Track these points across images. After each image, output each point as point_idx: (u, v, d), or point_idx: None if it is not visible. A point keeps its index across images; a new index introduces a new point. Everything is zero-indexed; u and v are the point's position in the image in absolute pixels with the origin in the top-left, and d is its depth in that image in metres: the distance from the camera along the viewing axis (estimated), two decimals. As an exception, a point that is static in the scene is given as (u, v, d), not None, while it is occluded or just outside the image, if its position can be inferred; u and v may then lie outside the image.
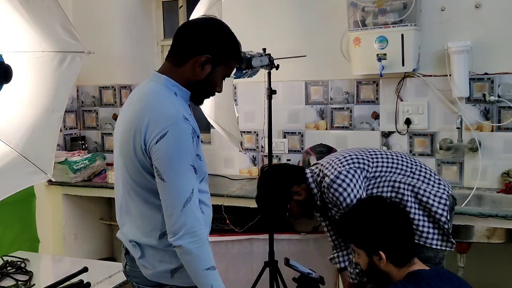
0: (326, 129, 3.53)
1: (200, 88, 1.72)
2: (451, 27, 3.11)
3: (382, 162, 2.25)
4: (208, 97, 1.80)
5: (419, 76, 3.22)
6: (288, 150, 3.63)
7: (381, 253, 1.74)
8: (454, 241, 2.20)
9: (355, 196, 2.12)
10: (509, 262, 3.09)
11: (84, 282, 2.01)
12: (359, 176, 2.15)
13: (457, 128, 3.03)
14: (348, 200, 2.11)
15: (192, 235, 1.56)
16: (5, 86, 1.79)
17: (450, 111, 3.16)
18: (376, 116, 3.38)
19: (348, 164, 2.19)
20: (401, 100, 3.29)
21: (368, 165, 2.22)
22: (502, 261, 3.11)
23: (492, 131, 3.07)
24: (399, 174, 2.23)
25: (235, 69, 2.61)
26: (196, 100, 1.77)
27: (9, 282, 2.09)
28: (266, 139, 2.91)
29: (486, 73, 3.05)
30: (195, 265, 1.59)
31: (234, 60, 1.77)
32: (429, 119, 3.22)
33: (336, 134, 3.49)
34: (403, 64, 3.07)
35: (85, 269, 2.09)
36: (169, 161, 1.55)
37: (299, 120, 3.60)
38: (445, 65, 3.07)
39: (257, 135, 3.73)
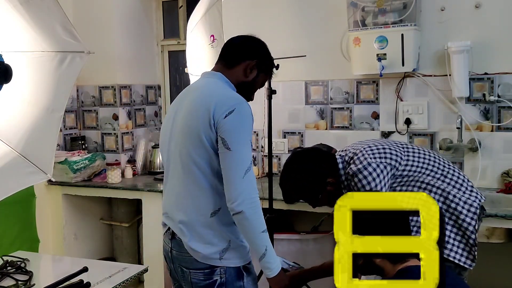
0: (326, 129, 3.53)
1: (245, 89, 1.97)
2: (451, 27, 3.11)
3: (413, 159, 2.10)
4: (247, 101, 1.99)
5: (419, 76, 3.22)
6: (288, 150, 3.63)
7: None
8: (475, 257, 2.06)
9: (377, 191, 1.99)
10: (509, 261, 3.09)
11: (84, 282, 2.00)
12: (387, 173, 2.03)
13: (457, 128, 3.03)
14: None
15: (250, 201, 1.74)
16: (5, 86, 1.79)
17: (450, 111, 3.16)
18: (376, 116, 3.38)
19: (380, 157, 2.06)
20: (401, 100, 3.29)
21: (399, 162, 2.07)
22: (501, 260, 3.11)
23: (492, 131, 3.07)
24: (428, 175, 2.09)
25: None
26: (245, 97, 1.94)
27: (9, 282, 2.08)
28: (266, 139, 2.91)
29: (486, 73, 3.06)
30: (253, 229, 1.77)
31: (270, 72, 2.09)
32: (429, 119, 3.23)
33: (336, 134, 3.49)
34: (403, 64, 3.07)
35: (85, 269, 2.09)
36: (235, 133, 1.77)
37: (299, 120, 3.60)
38: (445, 65, 3.07)
39: (257, 135, 3.73)
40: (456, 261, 2.06)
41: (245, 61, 1.96)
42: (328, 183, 2.11)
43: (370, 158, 2.04)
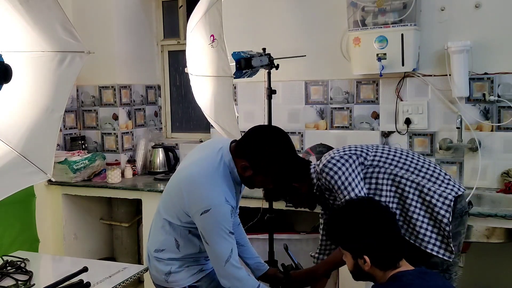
0: (326, 129, 3.53)
1: (246, 182, 2.00)
2: (451, 27, 3.11)
3: (382, 153, 2.19)
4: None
5: (419, 76, 3.22)
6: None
7: (366, 257, 1.74)
8: (453, 249, 2.09)
9: (346, 179, 2.08)
10: (509, 261, 3.09)
11: (84, 282, 2.00)
12: (353, 161, 2.12)
13: (457, 128, 3.03)
14: (339, 183, 2.08)
15: (234, 279, 1.93)
16: (4, 86, 1.79)
17: (450, 111, 3.16)
18: (376, 116, 3.38)
19: (344, 151, 2.17)
20: (401, 100, 3.29)
21: (367, 153, 2.17)
22: (501, 260, 3.11)
23: (492, 131, 3.07)
24: (401, 168, 2.15)
25: (235, 70, 2.64)
26: (247, 186, 2.05)
27: (9, 282, 2.09)
28: (266, 139, 2.90)
29: (486, 73, 3.06)
30: None
31: (275, 177, 1.98)
32: (429, 119, 3.22)
33: (336, 134, 3.49)
34: (403, 64, 3.07)
35: (85, 269, 2.09)
36: (211, 232, 1.89)
37: (299, 120, 3.60)
38: (445, 65, 3.07)
39: (257, 135, 3.72)
40: (435, 253, 2.09)
41: (241, 159, 1.93)
42: (294, 188, 2.24)
43: (334, 153, 2.18)
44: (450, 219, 2.09)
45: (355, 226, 1.78)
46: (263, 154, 1.92)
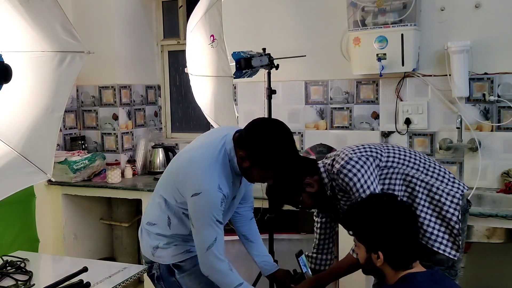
0: (326, 129, 3.53)
1: (243, 173, 1.99)
2: (451, 27, 3.11)
3: (394, 153, 2.18)
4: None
5: (419, 76, 3.22)
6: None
7: (380, 253, 1.73)
8: (460, 246, 2.08)
9: (365, 181, 2.05)
10: (509, 262, 3.09)
11: (84, 282, 2.00)
12: (371, 163, 2.10)
13: (457, 128, 3.03)
14: (358, 185, 2.05)
15: (213, 270, 1.96)
16: (4, 86, 1.79)
17: (450, 111, 3.16)
18: (376, 116, 3.38)
19: (360, 152, 2.14)
20: (401, 100, 3.29)
21: (381, 155, 2.16)
22: (502, 261, 3.11)
23: (492, 131, 3.07)
24: (412, 168, 2.15)
25: (235, 70, 2.64)
26: (246, 178, 2.04)
27: (9, 282, 2.08)
28: (266, 139, 2.90)
29: (486, 73, 3.06)
30: (222, 286, 2.00)
31: (273, 171, 1.96)
32: (429, 119, 3.22)
33: (336, 134, 3.49)
34: (402, 64, 3.07)
35: (85, 269, 2.09)
36: (198, 215, 1.92)
37: (299, 120, 3.60)
38: (445, 65, 3.07)
39: (257, 135, 3.72)
40: (441, 251, 2.08)
41: (240, 150, 1.92)
42: (306, 184, 2.19)
43: (351, 154, 2.13)
44: (460, 218, 2.09)
45: (375, 220, 1.76)
46: (260, 147, 1.89)
